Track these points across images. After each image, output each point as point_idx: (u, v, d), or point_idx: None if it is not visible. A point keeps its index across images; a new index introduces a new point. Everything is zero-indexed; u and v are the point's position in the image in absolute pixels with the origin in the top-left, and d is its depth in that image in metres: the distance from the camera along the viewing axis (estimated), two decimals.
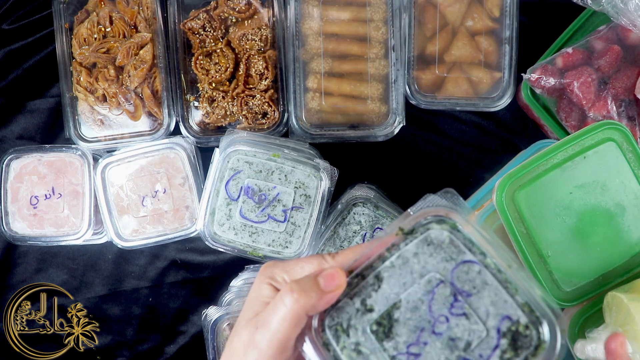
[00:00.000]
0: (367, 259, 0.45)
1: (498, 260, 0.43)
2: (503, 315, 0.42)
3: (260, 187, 0.72)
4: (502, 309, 0.42)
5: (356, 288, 0.44)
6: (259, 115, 0.78)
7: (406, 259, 0.44)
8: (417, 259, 0.44)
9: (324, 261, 0.45)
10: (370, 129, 0.78)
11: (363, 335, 0.43)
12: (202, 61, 0.78)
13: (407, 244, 0.44)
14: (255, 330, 0.43)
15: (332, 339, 0.43)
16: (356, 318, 0.43)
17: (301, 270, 0.45)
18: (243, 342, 0.43)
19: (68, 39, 0.79)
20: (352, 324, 0.43)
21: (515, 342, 0.42)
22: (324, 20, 0.76)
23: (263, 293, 0.45)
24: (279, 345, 0.42)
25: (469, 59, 0.77)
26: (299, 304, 0.41)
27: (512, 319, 0.42)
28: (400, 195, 0.82)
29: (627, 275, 0.63)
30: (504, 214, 0.62)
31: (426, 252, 0.44)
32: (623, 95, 0.71)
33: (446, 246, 0.44)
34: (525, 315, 0.42)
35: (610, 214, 0.63)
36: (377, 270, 0.44)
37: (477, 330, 0.42)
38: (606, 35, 0.72)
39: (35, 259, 0.85)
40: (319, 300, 0.42)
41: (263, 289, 0.45)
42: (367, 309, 0.43)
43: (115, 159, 0.78)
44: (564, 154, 0.63)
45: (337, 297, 0.43)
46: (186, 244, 0.85)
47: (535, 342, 0.41)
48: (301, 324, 0.42)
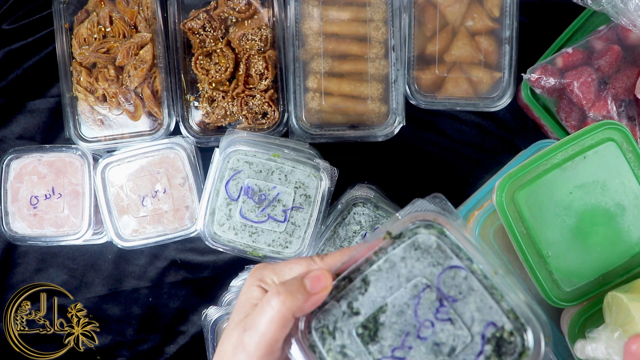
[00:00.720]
0: (354, 262, 0.45)
1: (484, 266, 0.44)
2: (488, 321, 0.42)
3: (260, 187, 0.72)
4: (487, 315, 0.42)
5: (343, 291, 0.44)
6: (259, 115, 0.78)
7: (393, 263, 0.44)
8: (404, 263, 0.44)
9: (312, 263, 0.46)
10: (370, 129, 0.78)
11: (349, 338, 0.43)
12: (202, 61, 0.78)
13: (394, 248, 0.44)
14: (244, 332, 0.43)
15: (318, 341, 0.43)
16: (342, 321, 0.43)
17: (290, 272, 0.46)
18: (232, 344, 0.44)
19: (68, 39, 0.79)
20: (338, 326, 0.43)
21: (499, 348, 0.42)
22: (324, 20, 0.76)
23: (252, 295, 0.45)
24: (267, 347, 0.42)
25: (469, 59, 0.77)
26: (286, 306, 0.42)
27: (497, 325, 0.42)
28: (400, 195, 0.82)
29: (627, 275, 0.63)
30: (504, 214, 0.62)
31: (413, 257, 0.44)
32: (623, 95, 0.71)
33: (433, 251, 0.44)
34: (510, 321, 0.42)
35: (610, 214, 0.63)
36: (364, 273, 0.44)
37: (462, 336, 0.42)
38: (606, 35, 0.72)
39: (35, 259, 0.85)
40: (305, 302, 0.42)
41: (252, 290, 0.46)
42: (354, 312, 0.43)
43: (115, 159, 0.78)
44: (564, 154, 0.63)
45: (323, 299, 0.43)
46: (186, 244, 0.85)
47: (520, 348, 0.42)
48: (288, 325, 0.43)
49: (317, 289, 0.43)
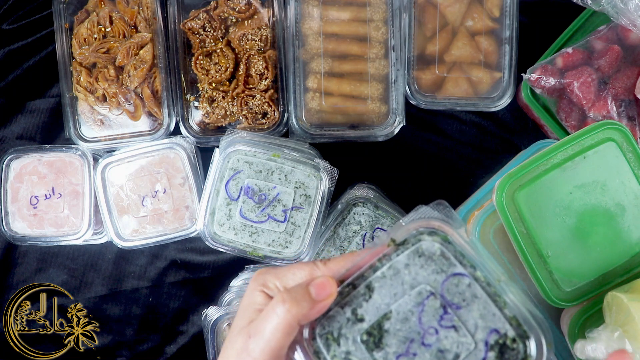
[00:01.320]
0: (358, 268, 0.45)
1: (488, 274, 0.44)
2: (491, 328, 0.42)
3: (260, 187, 0.72)
4: (490, 322, 0.43)
5: (347, 297, 0.44)
6: (259, 115, 0.78)
7: (397, 270, 0.44)
8: (408, 270, 0.44)
9: (315, 268, 0.45)
10: (370, 129, 0.78)
11: (353, 345, 0.43)
12: (202, 61, 0.78)
13: (398, 255, 0.44)
14: (249, 339, 0.43)
15: (322, 348, 0.43)
16: (347, 327, 0.43)
17: (293, 277, 0.45)
18: (236, 350, 0.44)
19: (68, 39, 0.79)
20: (342, 333, 0.43)
21: (502, 355, 0.42)
22: (324, 20, 0.76)
23: (256, 300, 0.45)
24: (272, 353, 0.42)
25: (469, 59, 0.77)
26: (291, 314, 0.42)
27: (499, 332, 0.42)
28: (400, 195, 0.82)
29: (627, 275, 0.63)
30: (504, 214, 0.62)
31: (417, 264, 0.44)
32: (623, 95, 0.71)
33: (437, 258, 0.44)
34: (513, 328, 0.42)
35: (610, 214, 0.63)
36: (368, 280, 0.44)
37: (466, 343, 0.42)
38: (606, 35, 0.72)
39: (35, 259, 0.85)
40: (310, 309, 0.42)
41: (256, 296, 0.46)
42: (358, 319, 0.43)
43: (115, 159, 0.78)
44: (564, 154, 0.63)
45: (328, 306, 0.43)
46: (186, 244, 0.85)
47: (522, 355, 0.42)
48: (293, 332, 0.43)
49: (323, 297, 0.43)
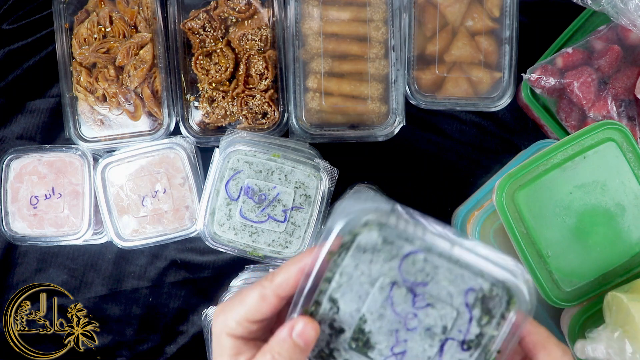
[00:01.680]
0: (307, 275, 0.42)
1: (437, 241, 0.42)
2: (465, 289, 0.41)
3: (260, 187, 0.72)
4: (461, 284, 0.41)
5: (318, 316, 0.43)
6: (259, 115, 0.78)
7: (350, 275, 0.42)
8: (360, 270, 0.42)
9: (262, 289, 0.43)
10: (370, 129, 0.78)
11: (347, 354, 0.43)
12: (202, 61, 0.78)
13: (343, 260, 0.42)
14: None
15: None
16: (334, 341, 0.43)
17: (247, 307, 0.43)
18: None
19: (68, 39, 0.79)
20: (332, 347, 0.43)
21: (487, 307, 0.41)
22: (324, 20, 0.76)
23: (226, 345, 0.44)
24: None
25: (469, 59, 0.77)
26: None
27: (474, 289, 0.41)
28: (400, 195, 0.82)
29: (627, 275, 0.63)
30: (504, 214, 0.62)
31: (365, 260, 0.42)
32: (623, 95, 0.71)
33: (381, 247, 0.42)
34: (485, 279, 0.41)
35: (610, 214, 0.63)
36: (327, 293, 0.42)
37: (447, 314, 0.41)
38: (606, 35, 0.72)
39: (35, 259, 0.85)
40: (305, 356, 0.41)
41: (224, 340, 0.44)
42: (339, 331, 0.43)
43: (115, 159, 0.78)
44: (564, 154, 0.63)
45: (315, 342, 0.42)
46: (186, 244, 0.85)
47: (506, 297, 0.41)
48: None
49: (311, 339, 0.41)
